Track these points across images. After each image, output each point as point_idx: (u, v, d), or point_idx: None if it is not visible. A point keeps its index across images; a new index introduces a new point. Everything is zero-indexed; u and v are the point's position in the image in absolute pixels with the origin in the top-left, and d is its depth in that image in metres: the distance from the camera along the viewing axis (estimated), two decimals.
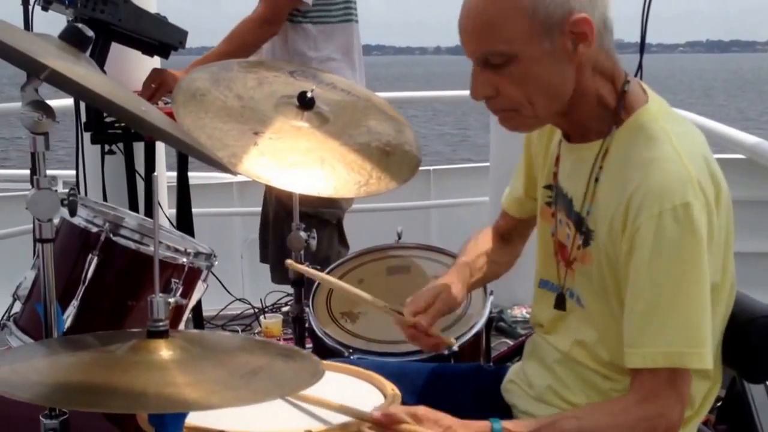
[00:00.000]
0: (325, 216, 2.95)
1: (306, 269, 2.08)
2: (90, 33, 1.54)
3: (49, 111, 1.44)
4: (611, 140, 1.47)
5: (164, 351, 1.25)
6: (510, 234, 1.87)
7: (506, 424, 1.42)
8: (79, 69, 1.40)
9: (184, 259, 1.93)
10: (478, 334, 2.11)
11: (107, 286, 1.89)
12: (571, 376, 1.59)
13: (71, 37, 1.53)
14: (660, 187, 1.38)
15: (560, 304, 1.60)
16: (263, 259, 3.27)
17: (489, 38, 1.42)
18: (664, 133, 1.44)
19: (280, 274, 3.10)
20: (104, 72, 2.49)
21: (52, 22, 2.77)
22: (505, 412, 1.70)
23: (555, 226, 1.61)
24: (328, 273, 2.35)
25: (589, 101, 1.47)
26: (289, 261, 2.13)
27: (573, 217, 1.54)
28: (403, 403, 1.49)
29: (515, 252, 1.89)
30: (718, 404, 2.03)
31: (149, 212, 2.91)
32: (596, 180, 1.48)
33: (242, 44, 2.95)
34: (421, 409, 1.41)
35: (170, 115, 1.98)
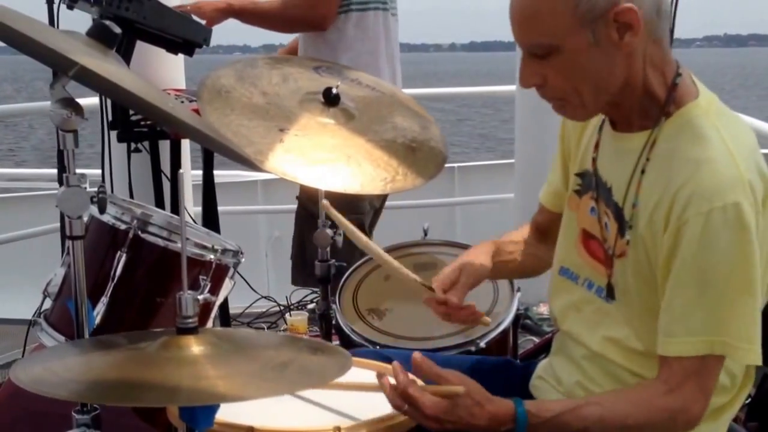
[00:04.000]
0: None
1: (341, 219, 1.98)
2: (117, 30, 1.55)
3: (78, 108, 1.45)
4: (659, 132, 1.46)
5: (195, 347, 1.27)
6: (547, 231, 1.83)
7: (529, 406, 1.43)
8: (108, 66, 1.41)
9: (212, 256, 1.94)
10: (505, 332, 2.10)
11: (136, 283, 1.90)
12: (599, 372, 1.59)
13: (99, 34, 1.54)
14: (710, 186, 1.38)
15: (601, 289, 1.57)
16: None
17: (533, 30, 1.43)
18: (714, 131, 1.43)
19: (300, 276, 3.10)
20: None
21: (77, 21, 2.79)
22: None
23: (584, 213, 1.60)
24: (354, 269, 2.35)
25: (636, 91, 1.47)
26: (325, 202, 2.02)
27: (612, 206, 1.53)
28: None
29: (553, 250, 1.82)
30: (748, 401, 2.01)
31: (175, 210, 2.92)
32: (643, 171, 1.47)
33: (283, 17, 3.00)
34: (454, 374, 1.43)
35: (196, 112, 1.99)
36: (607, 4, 1.38)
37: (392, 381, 1.41)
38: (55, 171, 3.17)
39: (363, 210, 3.04)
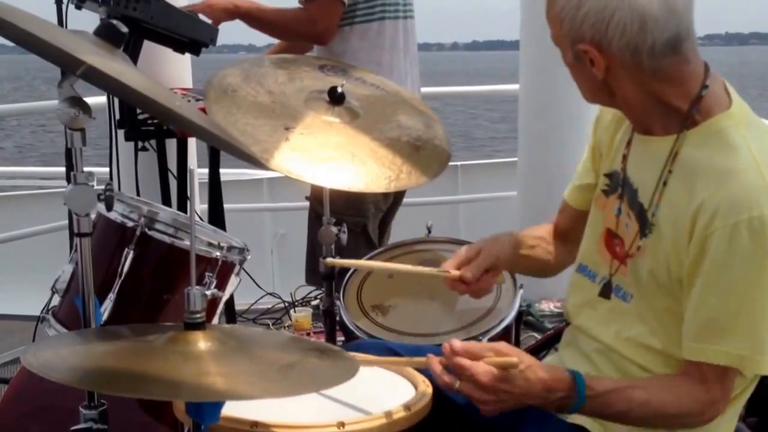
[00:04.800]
0: (348, 225, 2.97)
1: (350, 262, 2.04)
2: (125, 29, 1.56)
3: (85, 107, 1.46)
4: (682, 142, 1.48)
5: (201, 342, 1.28)
6: (567, 232, 1.83)
7: (586, 378, 1.47)
8: (116, 65, 1.43)
9: (218, 253, 1.95)
10: (507, 328, 2.12)
11: (143, 280, 1.92)
12: (608, 366, 1.61)
13: (106, 33, 1.55)
14: (737, 197, 1.39)
15: (606, 292, 1.61)
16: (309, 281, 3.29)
17: (551, 24, 1.53)
18: (743, 141, 1.45)
19: (314, 276, 3.13)
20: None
21: (85, 21, 2.81)
22: None
23: (610, 213, 1.62)
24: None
25: (640, 103, 1.50)
26: (329, 259, 2.10)
27: (636, 207, 1.55)
28: (438, 390, 1.52)
29: (572, 253, 1.78)
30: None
31: (182, 207, 2.94)
32: (665, 183, 1.50)
33: (285, 28, 3.05)
34: (503, 345, 1.47)
35: (203, 111, 2.01)
36: (576, 36, 1.46)
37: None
38: (63, 169, 3.20)
39: (366, 212, 3.07)
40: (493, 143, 18.90)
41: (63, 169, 3.45)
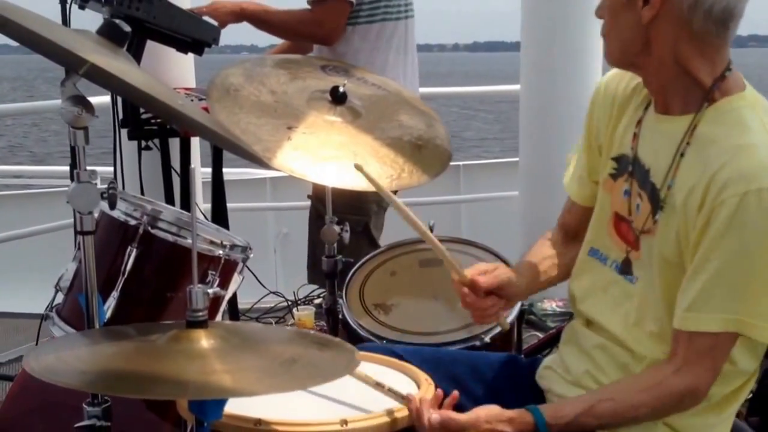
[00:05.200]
0: (350, 223, 2.98)
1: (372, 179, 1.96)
2: (127, 28, 1.57)
3: (88, 106, 1.47)
4: (701, 117, 1.50)
5: (204, 340, 1.29)
6: (577, 229, 1.80)
7: (546, 416, 1.47)
8: (118, 64, 1.44)
9: (221, 252, 1.96)
10: (510, 327, 2.13)
11: (146, 278, 1.93)
12: (608, 362, 1.62)
13: (109, 32, 1.56)
14: (748, 169, 1.41)
15: (627, 269, 1.60)
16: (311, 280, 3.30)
17: None
18: (758, 122, 1.47)
19: (316, 275, 3.14)
20: None
21: (89, 21, 2.82)
22: (541, 397, 1.72)
23: (617, 196, 1.63)
24: (361, 265, 2.38)
25: (669, 69, 1.51)
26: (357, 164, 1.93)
27: (648, 187, 1.56)
28: (438, 387, 1.53)
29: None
30: (749, 396, 2.03)
31: (185, 206, 2.95)
32: (682, 155, 1.50)
33: (293, 30, 3.06)
34: (479, 420, 1.47)
35: (206, 110, 2.02)
36: None
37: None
38: (68, 168, 3.21)
39: (369, 211, 3.08)
40: (484, 144, 18.98)
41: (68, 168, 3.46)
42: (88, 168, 1.52)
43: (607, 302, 1.64)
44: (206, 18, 2.96)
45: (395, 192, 1.85)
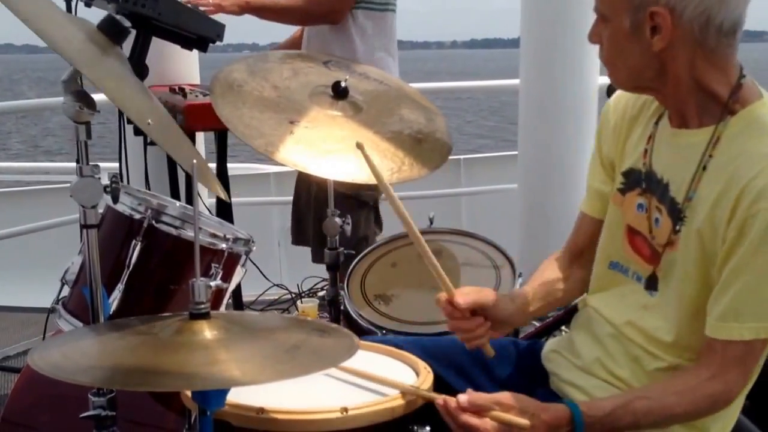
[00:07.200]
0: (363, 197, 3.01)
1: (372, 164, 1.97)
2: (127, 24, 1.60)
3: (89, 101, 1.49)
4: (724, 128, 1.49)
5: (207, 332, 1.30)
6: (587, 249, 1.77)
7: (583, 407, 1.47)
8: (100, 67, 1.44)
9: (224, 245, 1.98)
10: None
11: (150, 271, 1.95)
12: (620, 352, 1.62)
13: (108, 28, 1.60)
14: None
15: (653, 284, 1.59)
16: (296, 241, 3.36)
17: None
18: None
19: (319, 255, 3.17)
20: (146, 65, 2.55)
21: (95, 19, 2.84)
22: (545, 380, 1.73)
23: (629, 210, 1.62)
24: (361, 258, 2.41)
25: (685, 87, 1.49)
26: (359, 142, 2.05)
27: (667, 202, 1.55)
28: (440, 376, 1.55)
29: (588, 270, 1.77)
30: None
31: (190, 201, 2.98)
32: (704, 168, 1.49)
33: (300, 11, 3.08)
34: (506, 396, 1.46)
35: (209, 106, 2.04)
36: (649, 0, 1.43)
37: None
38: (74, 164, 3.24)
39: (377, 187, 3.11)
40: (479, 139, 18.99)
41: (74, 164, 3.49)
42: (92, 163, 1.55)
43: (621, 307, 1.64)
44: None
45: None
